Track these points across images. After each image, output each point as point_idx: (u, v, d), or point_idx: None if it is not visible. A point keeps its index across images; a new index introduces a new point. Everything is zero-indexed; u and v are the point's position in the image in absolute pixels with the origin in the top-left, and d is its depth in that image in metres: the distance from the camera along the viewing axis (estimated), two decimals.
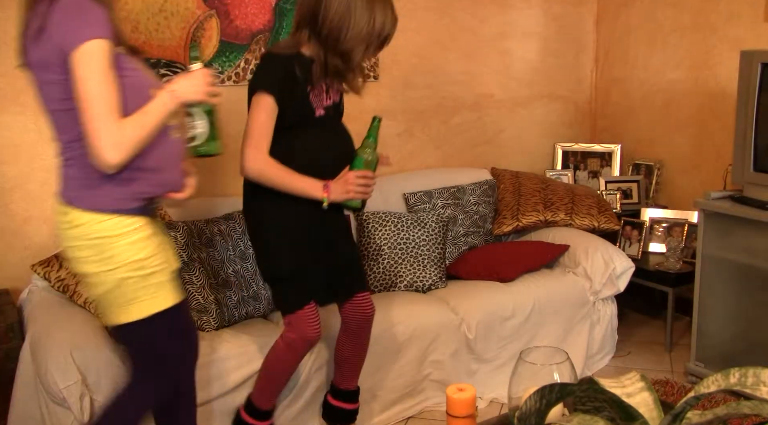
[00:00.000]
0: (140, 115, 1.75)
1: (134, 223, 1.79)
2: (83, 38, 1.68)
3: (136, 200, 1.80)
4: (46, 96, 1.79)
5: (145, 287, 1.80)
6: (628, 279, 3.24)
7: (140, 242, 1.80)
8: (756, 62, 2.81)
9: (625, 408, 0.96)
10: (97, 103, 1.68)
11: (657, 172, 3.90)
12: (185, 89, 1.83)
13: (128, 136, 1.71)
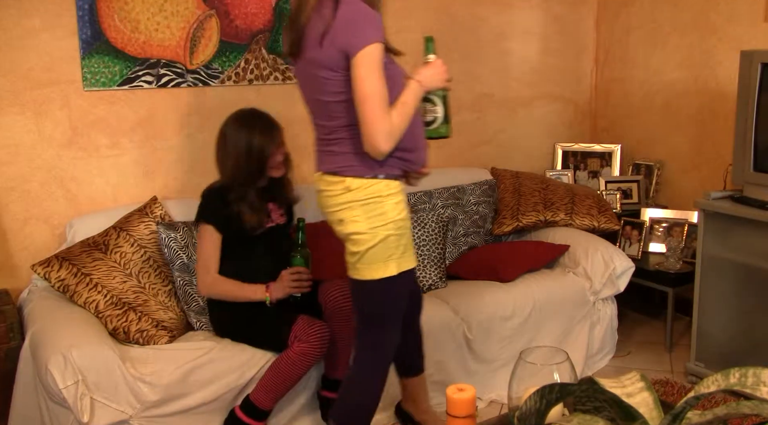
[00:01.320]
0: (401, 105, 2.03)
1: (397, 186, 2.10)
2: (365, 42, 1.95)
3: (397, 168, 2.10)
4: (322, 88, 2.06)
5: (398, 246, 2.07)
6: (628, 279, 3.24)
7: (401, 204, 2.10)
8: (756, 62, 2.81)
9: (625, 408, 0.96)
10: (374, 99, 1.95)
11: (657, 172, 3.90)
12: (429, 78, 2.12)
13: (396, 126, 1.99)
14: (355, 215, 2.05)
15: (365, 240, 2.05)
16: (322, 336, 2.39)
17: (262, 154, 2.51)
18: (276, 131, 2.56)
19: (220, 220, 2.50)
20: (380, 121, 1.96)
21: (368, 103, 1.95)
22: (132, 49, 2.94)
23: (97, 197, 2.97)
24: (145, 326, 2.50)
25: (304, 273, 2.50)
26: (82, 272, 2.55)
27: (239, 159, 2.49)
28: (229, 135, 2.52)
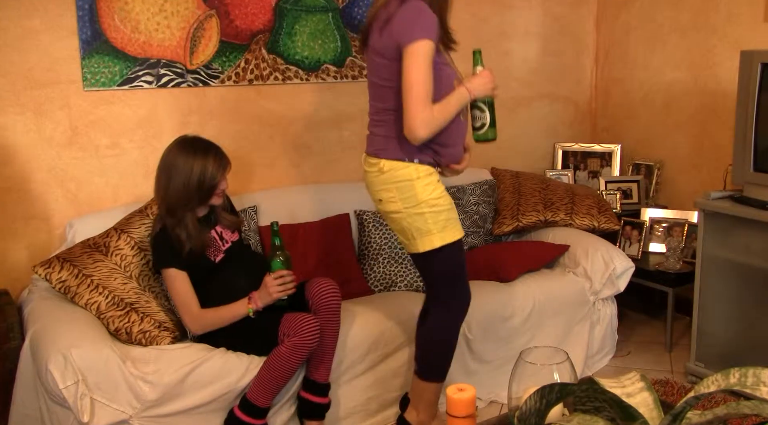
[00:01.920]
0: (445, 103, 2.27)
1: (427, 170, 2.32)
2: (415, 38, 2.18)
3: (429, 157, 2.33)
4: (376, 73, 2.34)
5: (436, 222, 2.30)
6: (628, 279, 3.23)
7: (432, 185, 2.31)
8: (756, 62, 2.81)
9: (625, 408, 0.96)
10: (416, 89, 2.18)
11: (657, 172, 3.90)
12: (478, 87, 2.33)
13: (435, 118, 2.22)
14: (391, 196, 2.33)
15: (401, 218, 2.33)
16: (312, 328, 2.38)
17: (213, 181, 2.51)
18: (228, 161, 2.57)
19: (178, 260, 2.47)
20: (421, 108, 2.19)
21: (413, 92, 2.19)
22: (132, 49, 2.94)
23: (97, 197, 2.97)
24: (148, 327, 2.50)
25: (288, 276, 2.48)
26: (83, 273, 2.55)
27: (189, 186, 2.47)
28: (179, 162, 2.48)
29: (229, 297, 2.49)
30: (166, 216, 2.51)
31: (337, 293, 2.55)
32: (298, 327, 2.38)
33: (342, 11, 3.37)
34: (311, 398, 2.52)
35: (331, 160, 3.47)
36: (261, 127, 3.27)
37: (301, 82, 3.34)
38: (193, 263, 2.50)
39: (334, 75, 3.40)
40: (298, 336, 2.37)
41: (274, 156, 3.32)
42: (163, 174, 2.52)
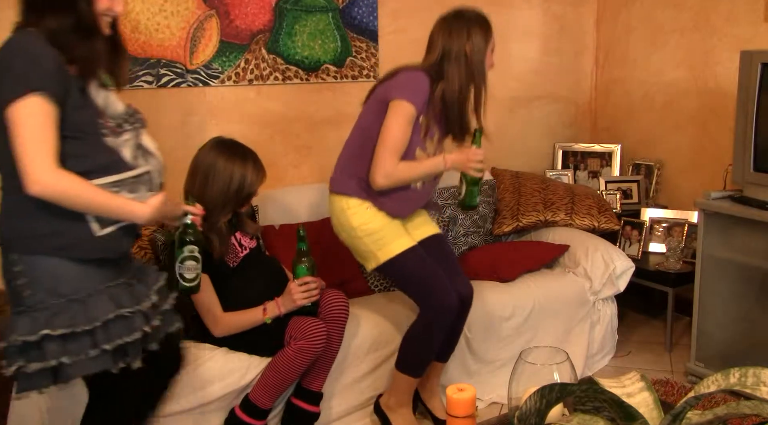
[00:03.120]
0: (415, 163, 2.46)
1: (357, 202, 2.49)
2: (402, 97, 2.39)
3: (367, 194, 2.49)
4: (362, 116, 2.59)
5: (373, 242, 2.49)
6: (628, 279, 3.23)
7: (359, 213, 2.49)
8: (756, 62, 2.81)
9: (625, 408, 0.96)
10: (389, 141, 2.39)
11: (657, 172, 3.90)
12: (455, 160, 2.49)
13: (397, 172, 2.41)
14: (335, 224, 2.60)
15: (347, 243, 2.60)
16: (320, 333, 2.38)
17: (252, 189, 2.50)
18: (264, 170, 2.54)
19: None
20: (387, 159, 2.39)
21: (385, 142, 2.40)
22: (132, 49, 2.93)
23: None
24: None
25: (312, 282, 2.46)
26: None
27: (228, 191, 2.44)
28: (219, 165, 2.44)
29: (244, 303, 2.48)
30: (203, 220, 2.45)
31: (346, 307, 2.54)
32: (306, 330, 2.38)
33: (342, 11, 3.37)
34: (303, 405, 2.51)
35: (331, 160, 3.45)
36: (261, 127, 3.27)
37: (301, 82, 3.34)
38: (212, 267, 2.47)
39: (334, 75, 3.40)
40: (305, 340, 2.37)
41: (274, 156, 3.32)
42: (201, 174, 2.46)
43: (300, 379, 2.50)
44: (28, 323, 1.70)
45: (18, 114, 1.63)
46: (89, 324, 1.72)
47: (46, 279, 1.74)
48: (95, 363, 1.74)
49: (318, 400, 2.54)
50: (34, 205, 1.70)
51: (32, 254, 1.74)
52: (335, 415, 2.69)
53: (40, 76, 1.65)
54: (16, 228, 1.75)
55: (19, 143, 1.63)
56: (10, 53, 1.67)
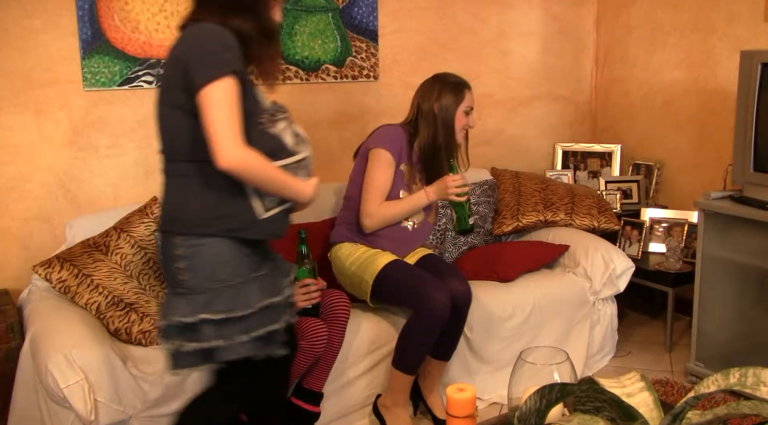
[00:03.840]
0: (398, 200, 2.65)
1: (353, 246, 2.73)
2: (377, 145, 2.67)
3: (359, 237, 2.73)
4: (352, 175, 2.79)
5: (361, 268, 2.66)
6: (628, 279, 3.23)
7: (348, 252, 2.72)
8: (756, 62, 2.81)
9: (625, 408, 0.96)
10: (371, 185, 2.64)
11: (657, 172, 3.90)
12: (436, 191, 2.64)
13: (379, 212, 2.63)
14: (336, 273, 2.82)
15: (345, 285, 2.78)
16: (320, 333, 2.39)
17: None
18: None
19: None
20: (369, 203, 2.63)
21: (368, 191, 2.63)
22: (132, 49, 2.94)
23: (97, 197, 2.97)
24: (148, 327, 2.50)
25: (312, 285, 2.48)
26: (83, 273, 2.55)
27: None
28: None
29: None
30: None
31: (347, 307, 2.55)
32: (307, 331, 2.38)
33: (342, 11, 3.38)
34: (303, 405, 2.51)
35: (331, 160, 3.46)
36: None
37: (301, 82, 3.34)
38: None
39: (334, 75, 3.40)
40: (306, 340, 2.37)
41: None
42: None
43: (300, 379, 2.50)
44: (187, 305, 1.80)
45: (215, 93, 1.72)
46: (244, 310, 1.82)
47: (205, 265, 1.82)
48: (244, 349, 1.83)
49: (318, 400, 2.54)
50: (205, 188, 1.81)
51: (199, 236, 1.81)
52: (335, 415, 2.69)
53: (236, 61, 1.78)
54: (186, 210, 1.83)
55: (214, 120, 1.72)
56: (210, 38, 1.78)
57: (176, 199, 1.86)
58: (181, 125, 1.81)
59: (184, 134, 1.81)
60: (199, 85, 1.73)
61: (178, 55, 1.81)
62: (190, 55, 1.77)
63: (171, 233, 1.85)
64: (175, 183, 1.87)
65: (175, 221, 1.84)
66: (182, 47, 1.81)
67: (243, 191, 1.83)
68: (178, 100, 1.80)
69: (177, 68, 1.78)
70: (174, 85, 1.80)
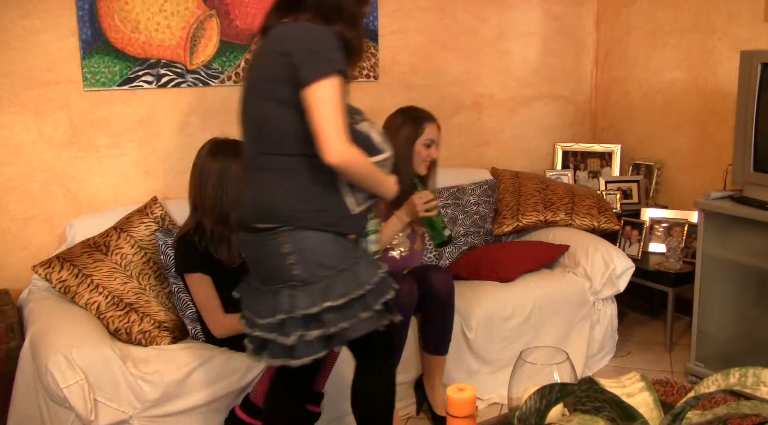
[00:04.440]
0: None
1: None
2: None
3: None
4: None
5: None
6: (628, 279, 3.23)
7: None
8: (756, 62, 2.81)
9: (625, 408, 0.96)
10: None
11: (657, 172, 3.90)
12: (406, 212, 2.56)
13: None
14: None
15: None
16: None
17: None
18: None
19: (203, 265, 2.46)
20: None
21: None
22: (132, 49, 2.94)
23: (97, 197, 2.97)
24: (148, 327, 2.50)
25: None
26: (83, 273, 2.55)
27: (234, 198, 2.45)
28: (232, 169, 2.44)
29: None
30: (217, 224, 2.47)
31: None
32: None
33: None
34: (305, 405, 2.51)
35: None
36: None
37: None
38: (213, 269, 2.48)
39: None
40: None
41: None
42: (212, 181, 2.46)
43: None
44: (306, 297, 1.85)
45: (324, 90, 1.77)
46: (362, 288, 1.89)
47: (313, 255, 1.87)
48: (367, 324, 1.91)
49: (319, 400, 2.54)
50: (306, 182, 1.87)
51: (302, 229, 1.86)
52: (336, 415, 2.69)
53: (342, 60, 1.84)
54: (286, 204, 1.87)
55: (322, 117, 1.77)
56: (320, 37, 1.84)
57: (274, 193, 1.89)
58: (288, 120, 1.84)
59: (288, 128, 1.85)
60: (307, 81, 1.77)
61: (283, 50, 1.83)
62: (300, 51, 1.81)
63: (271, 229, 1.87)
64: (271, 176, 1.89)
65: (275, 215, 1.87)
66: (289, 43, 1.84)
67: (338, 187, 1.89)
68: (284, 95, 1.83)
69: (282, 63, 1.82)
70: (278, 79, 1.83)
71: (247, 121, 1.95)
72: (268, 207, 1.88)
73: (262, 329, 1.91)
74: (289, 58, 1.81)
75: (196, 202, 2.51)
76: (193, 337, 2.63)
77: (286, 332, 1.86)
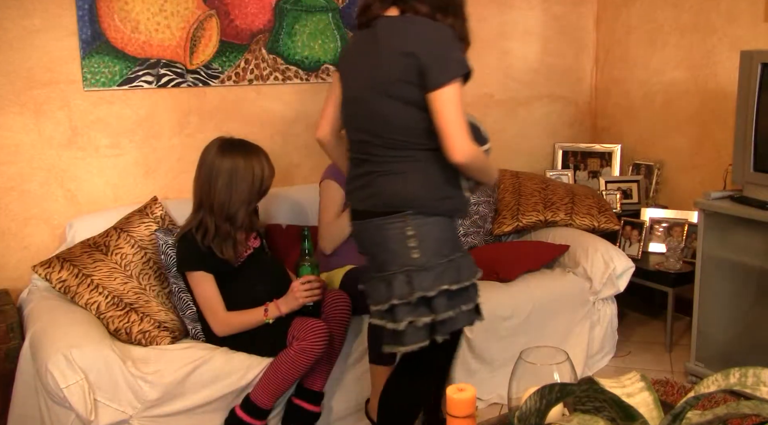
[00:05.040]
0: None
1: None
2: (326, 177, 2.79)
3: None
4: None
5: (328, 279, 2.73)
6: (628, 279, 3.23)
7: None
8: (756, 62, 2.81)
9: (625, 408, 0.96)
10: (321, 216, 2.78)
11: (657, 172, 3.90)
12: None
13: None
14: None
15: None
16: (322, 334, 2.39)
17: (269, 182, 2.54)
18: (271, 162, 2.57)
19: (205, 263, 2.46)
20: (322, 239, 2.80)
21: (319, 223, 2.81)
22: (132, 49, 2.94)
23: (97, 197, 2.97)
24: (147, 327, 2.50)
25: (315, 281, 2.48)
26: (83, 273, 2.55)
27: (252, 189, 2.47)
28: (240, 166, 2.45)
29: (247, 302, 2.48)
30: (224, 223, 2.46)
31: (348, 307, 2.55)
32: (309, 332, 2.38)
33: (342, 11, 3.37)
34: (304, 405, 2.51)
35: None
36: (261, 127, 3.27)
37: (301, 82, 3.34)
38: (216, 266, 2.48)
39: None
40: (308, 341, 2.37)
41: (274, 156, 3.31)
42: (222, 178, 2.46)
43: (301, 379, 2.51)
44: (426, 280, 1.95)
45: (451, 94, 1.88)
46: (469, 280, 2.02)
47: (433, 242, 1.98)
48: (467, 318, 2.05)
49: (319, 400, 2.54)
50: (434, 172, 2.00)
51: (426, 215, 1.98)
52: (336, 415, 2.69)
53: (465, 62, 1.95)
54: (417, 192, 1.99)
55: (450, 119, 1.89)
56: (445, 39, 1.93)
57: (404, 183, 1.99)
58: (414, 118, 1.95)
59: (415, 125, 1.95)
60: (436, 86, 1.87)
61: (409, 51, 1.90)
62: (428, 55, 1.89)
63: (399, 214, 1.97)
64: (398, 167, 1.99)
65: (406, 202, 1.98)
66: (414, 44, 1.90)
67: (458, 176, 2.04)
68: (410, 96, 1.93)
69: (407, 65, 1.90)
70: (404, 81, 1.92)
71: (366, 116, 2.02)
72: (399, 195, 1.99)
73: (373, 316, 2.03)
74: (416, 60, 1.88)
75: (203, 200, 2.50)
76: (193, 337, 2.63)
77: (397, 318, 1.95)
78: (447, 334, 2.01)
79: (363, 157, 2.05)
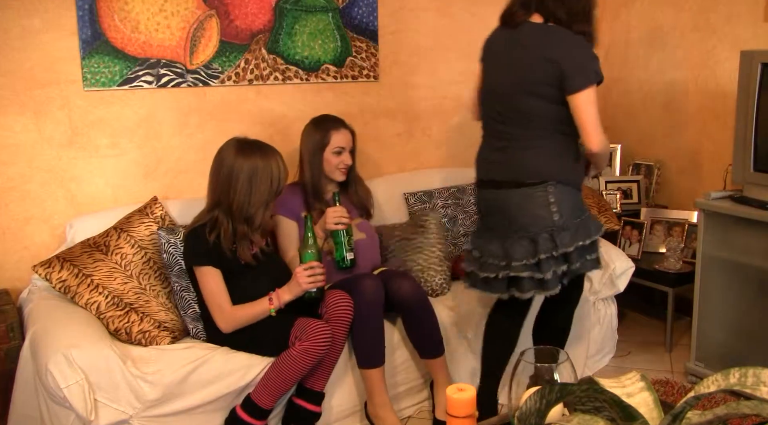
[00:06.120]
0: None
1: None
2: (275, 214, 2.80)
3: None
4: None
5: None
6: (627, 279, 3.23)
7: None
8: (756, 62, 2.81)
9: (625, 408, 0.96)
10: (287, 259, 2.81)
11: (657, 172, 3.90)
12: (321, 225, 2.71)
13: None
14: None
15: None
16: (324, 335, 2.39)
17: (284, 183, 2.57)
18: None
19: (213, 258, 2.47)
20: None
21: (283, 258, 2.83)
22: (132, 49, 2.94)
23: (97, 197, 2.97)
24: (147, 327, 2.50)
25: (318, 267, 2.49)
26: (83, 273, 2.55)
27: (271, 189, 2.50)
28: (260, 166, 2.48)
29: (252, 298, 2.49)
30: (241, 224, 2.49)
31: (350, 308, 2.55)
32: (311, 332, 2.38)
33: (342, 11, 3.37)
34: (305, 405, 2.52)
35: None
36: (261, 127, 3.27)
37: (301, 82, 3.34)
38: (224, 263, 2.49)
39: (334, 75, 3.40)
40: (310, 342, 2.37)
41: None
42: (243, 179, 2.48)
43: (302, 379, 2.51)
44: (566, 238, 2.39)
45: (589, 96, 2.37)
46: (597, 235, 2.51)
47: (568, 206, 2.42)
48: (590, 266, 2.51)
49: (320, 400, 2.54)
50: (564, 151, 2.46)
51: (563, 184, 2.41)
52: (336, 415, 2.69)
53: (600, 70, 2.43)
54: (553, 166, 2.42)
55: (588, 118, 2.39)
56: (584, 50, 2.39)
57: (542, 159, 2.42)
58: (550, 110, 2.39)
59: (550, 115, 2.40)
60: (577, 90, 2.32)
61: (552, 57, 2.33)
62: (570, 64, 2.32)
63: (543, 184, 2.39)
64: (540, 147, 2.42)
65: (545, 174, 2.40)
66: (558, 52, 2.33)
67: (578, 154, 2.49)
68: (549, 94, 2.37)
69: (549, 69, 2.33)
70: (545, 83, 2.35)
71: (509, 106, 2.44)
72: (538, 168, 2.41)
73: (516, 269, 2.40)
74: (557, 66, 2.31)
75: (220, 200, 2.51)
76: (194, 337, 2.63)
77: (543, 269, 2.37)
78: (573, 278, 2.47)
79: (501, 135, 2.47)
